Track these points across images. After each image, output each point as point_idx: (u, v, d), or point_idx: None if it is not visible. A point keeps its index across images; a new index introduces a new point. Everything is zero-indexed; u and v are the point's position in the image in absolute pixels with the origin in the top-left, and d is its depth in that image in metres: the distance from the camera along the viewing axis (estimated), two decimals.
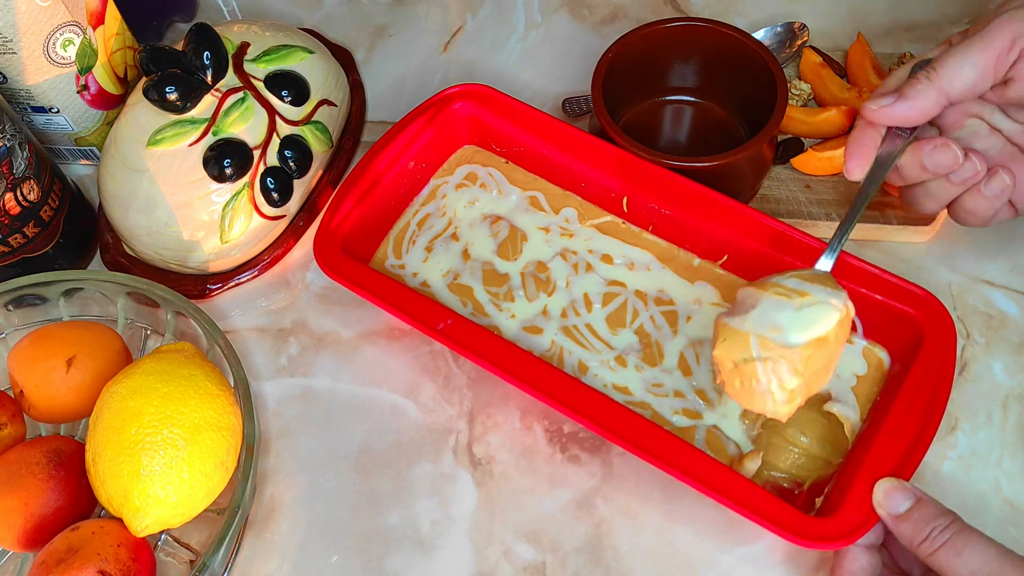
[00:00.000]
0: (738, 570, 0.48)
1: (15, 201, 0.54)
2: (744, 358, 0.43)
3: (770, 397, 0.43)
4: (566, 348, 0.53)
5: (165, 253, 0.57)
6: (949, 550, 0.40)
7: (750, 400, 0.44)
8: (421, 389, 0.55)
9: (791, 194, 0.59)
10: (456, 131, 0.60)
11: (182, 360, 0.47)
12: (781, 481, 0.48)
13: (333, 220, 0.54)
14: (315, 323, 0.58)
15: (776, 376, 0.43)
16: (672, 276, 0.55)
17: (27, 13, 0.54)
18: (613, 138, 0.55)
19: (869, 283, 0.50)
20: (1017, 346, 0.54)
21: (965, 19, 0.68)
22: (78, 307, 0.55)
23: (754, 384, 0.43)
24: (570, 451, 0.52)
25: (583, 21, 0.71)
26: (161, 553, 0.49)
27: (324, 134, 0.60)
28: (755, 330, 0.43)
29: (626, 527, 0.50)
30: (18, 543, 0.45)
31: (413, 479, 0.52)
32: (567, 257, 0.56)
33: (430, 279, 0.56)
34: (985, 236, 0.58)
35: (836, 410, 0.49)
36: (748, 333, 0.43)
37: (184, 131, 0.55)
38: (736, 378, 0.44)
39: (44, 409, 0.49)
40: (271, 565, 0.50)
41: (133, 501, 0.43)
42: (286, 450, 0.53)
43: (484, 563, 0.49)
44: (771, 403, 0.43)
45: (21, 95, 0.58)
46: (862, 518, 0.43)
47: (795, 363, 0.42)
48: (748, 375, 0.43)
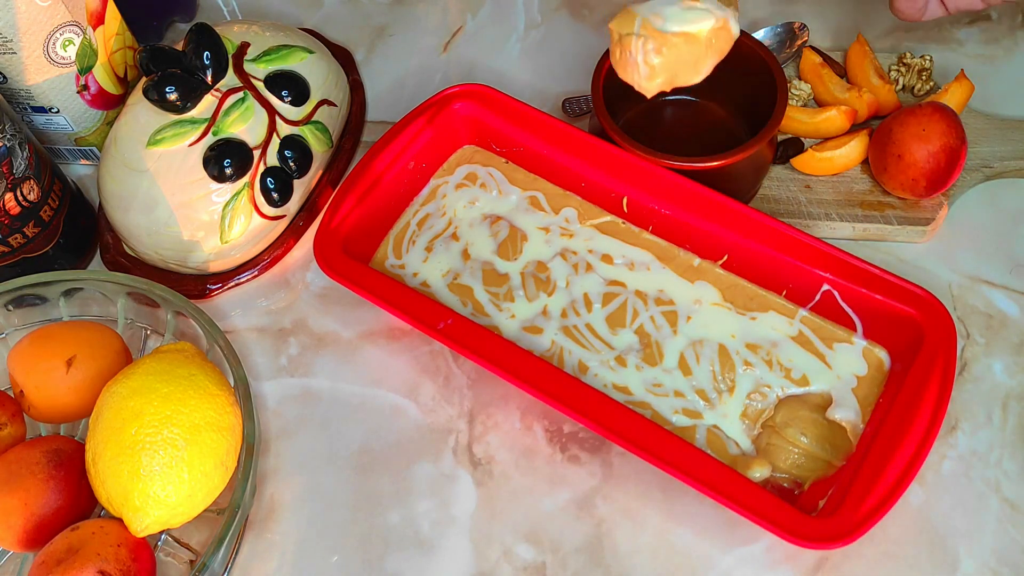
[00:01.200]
0: (738, 570, 0.48)
1: (15, 201, 0.54)
2: (626, 32, 0.51)
3: (636, 69, 0.51)
4: (566, 348, 0.53)
5: (165, 253, 0.57)
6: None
7: (624, 70, 0.52)
8: (421, 389, 0.55)
9: (791, 194, 0.59)
10: (456, 131, 0.60)
11: (182, 360, 0.47)
12: (781, 481, 0.48)
13: (333, 220, 0.54)
14: (315, 323, 0.58)
15: (643, 52, 0.50)
16: (672, 276, 0.55)
17: (27, 13, 0.54)
18: (613, 138, 0.55)
19: (869, 283, 0.50)
20: (1017, 346, 0.54)
21: (965, 19, 0.68)
22: (78, 307, 0.55)
23: (627, 56, 0.51)
24: (570, 451, 0.52)
25: (583, 21, 0.71)
26: (161, 553, 0.49)
27: (324, 134, 0.60)
28: (642, 13, 0.51)
29: (626, 527, 0.50)
30: (18, 543, 0.45)
31: (413, 479, 0.52)
32: (567, 257, 0.56)
33: (430, 279, 0.56)
34: (985, 236, 0.58)
35: (838, 417, 0.49)
36: (636, 15, 0.51)
37: (184, 131, 0.55)
38: (618, 49, 0.52)
39: (44, 409, 0.49)
40: (271, 565, 0.50)
41: (133, 501, 0.43)
42: (286, 450, 0.53)
43: (484, 563, 0.49)
44: (636, 76, 0.51)
45: (21, 95, 0.58)
46: (861, 518, 0.43)
47: (661, 46, 0.50)
48: (625, 47, 0.51)
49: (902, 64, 0.63)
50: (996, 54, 0.66)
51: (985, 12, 0.68)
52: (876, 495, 0.43)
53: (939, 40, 0.67)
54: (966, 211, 0.59)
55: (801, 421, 0.49)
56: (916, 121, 0.55)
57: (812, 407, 0.50)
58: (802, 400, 0.50)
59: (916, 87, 0.62)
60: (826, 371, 0.51)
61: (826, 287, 0.52)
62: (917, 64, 0.62)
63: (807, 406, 0.50)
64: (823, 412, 0.50)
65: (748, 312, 0.53)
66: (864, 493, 0.44)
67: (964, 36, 0.67)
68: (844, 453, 0.48)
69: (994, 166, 0.59)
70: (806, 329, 0.52)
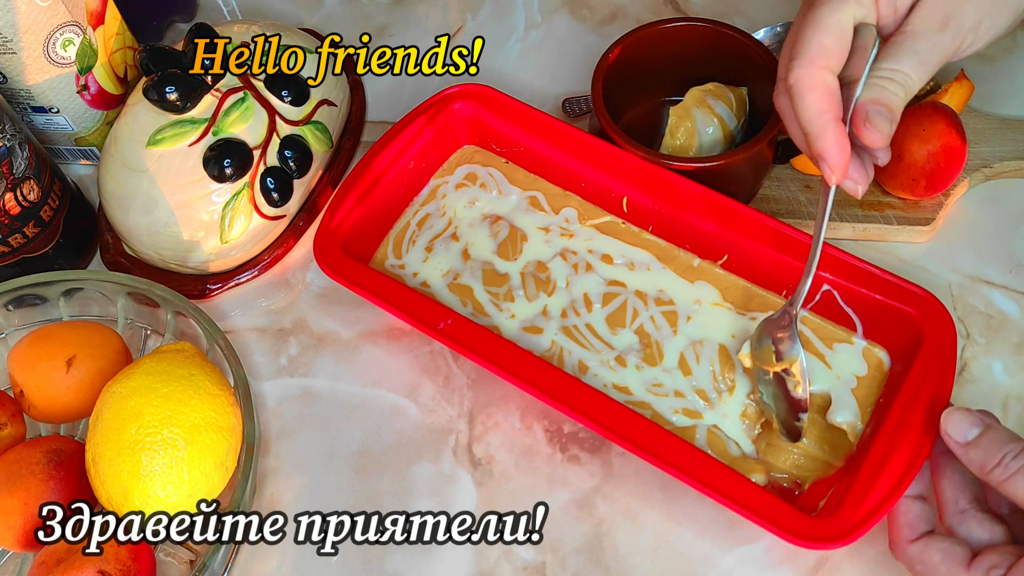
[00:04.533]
0: (738, 570, 0.48)
1: (15, 201, 0.54)
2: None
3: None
4: (566, 348, 0.53)
5: (165, 253, 0.57)
6: (1022, 477, 0.40)
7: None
8: (421, 389, 0.55)
9: (791, 194, 0.59)
10: (456, 131, 0.60)
11: (182, 360, 0.47)
12: (781, 481, 0.48)
13: (333, 220, 0.54)
14: (315, 323, 0.58)
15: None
16: (672, 276, 0.55)
17: (27, 13, 0.54)
18: (613, 138, 0.55)
19: (869, 283, 0.50)
20: (1017, 346, 0.54)
21: None
22: (78, 307, 0.55)
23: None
24: (570, 451, 0.52)
25: (583, 21, 0.71)
26: (161, 553, 0.49)
27: (324, 134, 0.60)
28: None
29: (626, 527, 0.50)
30: (18, 543, 0.45)
31: (413, 479, 0.52)
32: (567, 257, 0.56)
33: (430, 279, 0.56)
34: (985, 236, 0.58)
35: (838, 421, 0.49)
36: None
37: (184, 131, 0.55)
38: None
39: (44, 409, 0.49)
40: (271, 565, 0.50)
41: (133, 501, 0.43)
42: (286, 450, 0.53)
43: (484, 563, 0.49)
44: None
45: (21, 95, 0.58)
46: (861, 518, 0.43)
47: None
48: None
49: None
50: (996, 54, 0.66)
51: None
52: (876, 495, 0.43)
53: None
54: (966, 211, 0.59)
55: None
56: (916, 121, 0.55)
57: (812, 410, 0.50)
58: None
59: None
60: (826, 371, 0.51)
61: (826, 287, 0.52)
62: None
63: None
64: (823, 413, 0.50)
65: (748, 312, 0.53)
66: (864, 493, 0.43)
67: None
68: (843, 454, 0.48)
69: (994, 166, 0.59)
70: (806, 329, 0.52)
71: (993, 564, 0.40)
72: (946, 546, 0.42)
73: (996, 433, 0.42)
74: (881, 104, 0.41)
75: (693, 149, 0.57)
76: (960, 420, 0.43)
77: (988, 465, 0.41)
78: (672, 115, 0.57)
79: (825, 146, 0.42)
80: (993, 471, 0.41)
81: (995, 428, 0.42)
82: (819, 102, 0.42)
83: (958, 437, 0.42)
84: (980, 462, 0.41)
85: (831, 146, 0.42)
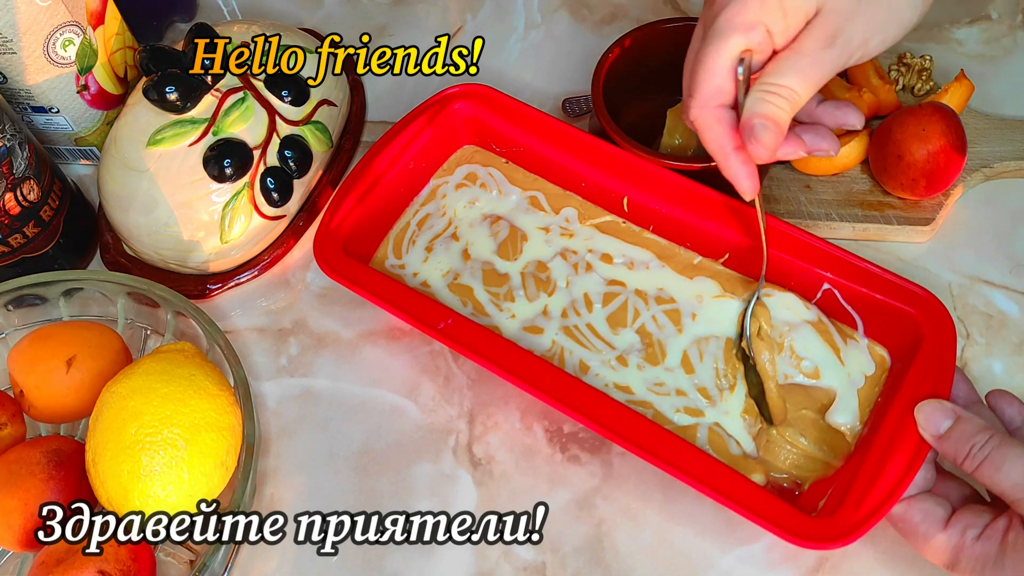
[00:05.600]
0: (738, 570, 0.48)
1: (15, 201, 0.54)
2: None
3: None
4: (567, 348, 0.53)
5: (165, 253, 0.57)
6: (989, 466, 0.41)
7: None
8: (421, 389, 0.55)
9: (791, 194, 0.59)
10: (456, 131, 0.60)
11: (182, 360, 0.47)
12: (781, 481, 0.48)
13: (333, 220, 0.54)
14: (315, 323, 0.58)
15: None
16: (671, 274, 0.55)
17: (27, 13, 0.54)
18: (613, 138, 0.55)
19: (869, 283, 0.50)
20: (1017, 346, 0.54)
21: (965, 19, 0.68)
22: (78, 307, 0.55)
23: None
24: (570, 451, 0.52)
25: (583, 21, 0.71)
26: (161, 553, 0.49)
27: (324, 134, 0.60)
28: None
29: (626, 527, 0.50)
30: (18, 543, 0.45)
31: (413, 479, 0.52)
32: (567, 257, 0.56)
33: (430, 279, 0.56)
34: (985, 236, 0.58)
35: (837, 422, 0.49)
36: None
37: (184, 131, 0.55)
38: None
39: (44, 409, 0.49)
40: (271, 565, 0.50)
41: (133, 501, 0.43)
42: (286, 450, 0.53)
43: (484, 563, 0.49)
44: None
45: (21, 95, 0.58)
46: (861, 518, 0.43)
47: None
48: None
49: (902, 64, 0.63)
50: (996, 54, 0.66)
51: (984, 13, 0.67)
52: (876, 495, 0.43)
53: (939, 40, 0.67)
54: (966, 211, 0.59)
55: (801, 421, 0.49)
56: (916, 121, 0.55)
57: (814, 406, 0.50)
58: (806, 394, 0.50)
59: (916, 87, 0.62)
60: (838, 367, 0.50)
61: (827, 286, 0.52)
62: (917, 64, 0.62)
63: (809, 403, 0.50)
64: (823, 413, 0.50)
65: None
66: (864, 493, 0.43)
67: (964, 36, 0.67)
68: (842, 454, 0.48)
69: (994, 166, 0.59)
70: (827, 321, 0.52)
71: (968, 524, 0.42)
72: (927, 506, 0.43)
73: (966, 424, 0.43)
74: (765, 118, 0.44)
75: (692, 149, 0.57)
76: (932, 412, 0.44)
77: (959, 457, 0.42)
78: (670, 115, 0.57)
79: (731, 172, 0.47)
80: (964, 462, 0.42)
81: (965, 420, 0.43)
82: (719, 138, 0.46)
83: (931, 430, 0.44)
84: (952, 454, 0.43)
85: (736, 171, 0.46)
